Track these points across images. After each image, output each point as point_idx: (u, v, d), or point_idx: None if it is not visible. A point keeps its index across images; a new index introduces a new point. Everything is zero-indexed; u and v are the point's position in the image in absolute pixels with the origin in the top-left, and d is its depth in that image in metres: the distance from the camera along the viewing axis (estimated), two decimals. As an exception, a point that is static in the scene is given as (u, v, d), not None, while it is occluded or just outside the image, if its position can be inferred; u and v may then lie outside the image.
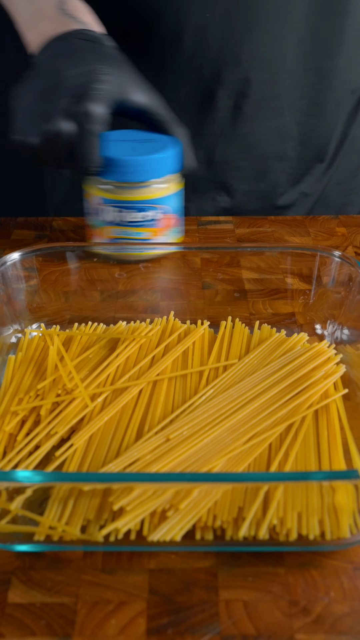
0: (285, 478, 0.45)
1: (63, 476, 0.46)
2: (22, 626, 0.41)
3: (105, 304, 0.66)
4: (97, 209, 0.72)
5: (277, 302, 0.67)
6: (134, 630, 0.40)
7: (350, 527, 0.44)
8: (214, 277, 0.70)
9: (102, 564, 0.44)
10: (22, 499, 0.45)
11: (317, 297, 0.66)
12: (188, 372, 0.57)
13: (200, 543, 0.44)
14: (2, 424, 0.52)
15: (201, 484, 0.44)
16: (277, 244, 0.69)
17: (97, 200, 0.71)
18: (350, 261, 0.61)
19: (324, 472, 0.46)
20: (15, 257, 0.62)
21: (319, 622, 0.41)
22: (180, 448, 0.49)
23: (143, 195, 0.70)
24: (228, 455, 0.49)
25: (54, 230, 0.81)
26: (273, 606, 0.41)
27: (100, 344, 0.60)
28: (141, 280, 0.69)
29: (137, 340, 0.60)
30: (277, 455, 0.50)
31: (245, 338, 0.61)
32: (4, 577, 0.43)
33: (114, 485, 0.45)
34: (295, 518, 0.44)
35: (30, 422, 0.53)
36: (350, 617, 0.41)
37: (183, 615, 0.41)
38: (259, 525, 0.44)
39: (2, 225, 0.82)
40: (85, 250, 0.66)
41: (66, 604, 0.42)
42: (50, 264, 0.65)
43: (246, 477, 0.46)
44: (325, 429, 0.52)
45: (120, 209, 0.71)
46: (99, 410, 0.54)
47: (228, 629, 0.40)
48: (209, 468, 0.48)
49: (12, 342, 0.61)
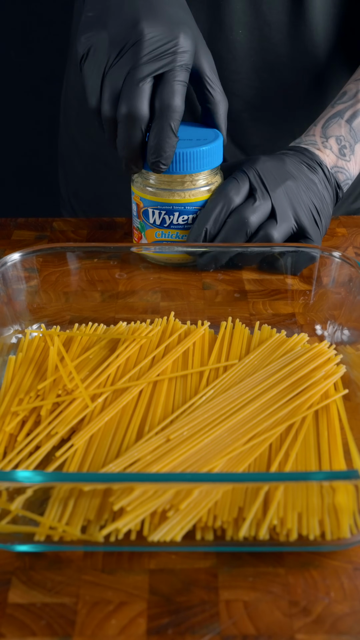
0: (285, 478, 0.45)
1: (63, 476, 0.46)
2: (22, 626, 0.41)
3: (105, 304, 0.66)
4: (140, 211, 0.72)
5: (277, 303, 0.67)
6: (134, 631, 0.40)
7: (350, 528, 0.44)
8: (214, 277, 0.70)
9: (102, 564, 0.44)
10: (23, 499, 0.45)
11: (317, 297, 0.66)
12: (188, 373, 0.57)
13: (201, 543, 0.44)
14: (2, 424, 0.52)
15: (201, 484, 0.44)
16: (277, 244, 0.69)
17: (141, 202, 0.71)
18: (351, 262, 0.61)
19: (324, 473, 0.46)
20: (15, 258, 0.62)
21: (319, 622, 0.41)
22: (180, 448, 0.49)
23: (185, 199, 0.70)
24: (228, 456, 0.49)
25: (54, 230, 0.81)
26: (273, 606, 0.42)
27: (101, 345, 0.60)
28: (141, 281, 0.69)
29: (138, 340, 0.60)
30: (277, 456, 0.50)
31: (245, 338, 0.61)
32: (4, 577, 0.43)
33: (115, 486, 0.45)
34: (296, 518, 0.44)
35: (30, 422, 0.53)
36: (351, 617, 0.41)
37: (183, 615, 0.41)
38: (259, 525, 0.44)
39: (2, 225, 0.82)
40: (86, 251, 0.66)
41: (66, 604, 0.42)
42: (51, 265, 0.65)
43: (246, 477, 0.46)
44: (326, 429, 0.52)
45: (163, 212, 0.71)
46: (99, 411, 0.54)
47: (228, 629, 0.40)
48: (209, 468, 0.48)
49: (12, 343, 0.61)
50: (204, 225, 0.69)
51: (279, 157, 0.73)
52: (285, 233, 0.70)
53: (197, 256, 0.70)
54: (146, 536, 0.44)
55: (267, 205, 0.69)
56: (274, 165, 0.71)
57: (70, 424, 0.52)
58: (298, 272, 0.69)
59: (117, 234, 0.80)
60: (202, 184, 0.70)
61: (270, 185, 0.70)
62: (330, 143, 0.75)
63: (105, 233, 0.81)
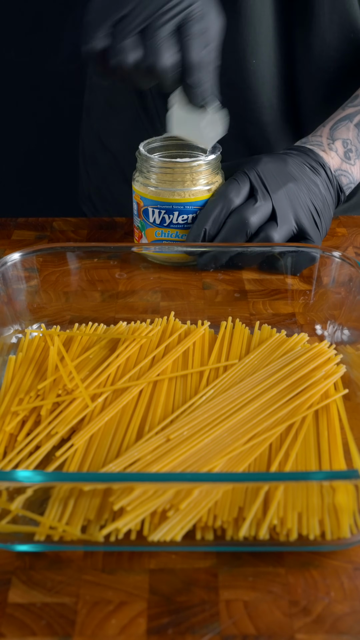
0: (285, 478, 0.45)
1: (63, 476, 0.46)
2: (22, 626, 0.41)
3: (105, 304, 0.66)
4: (141, 210, 0.72)
5: (277, 303, 0.67)
6: (134, 630, 0.40)
7: (350, 527, 0.44)
8: (214, 277, 0.70)
9: (102, 564, 0.44)
10: (23, 499, 0.45)
11: (317, 297, 0.66)
12: (188, 373, 0.57)
13: (201, 543, 0.44)
14: (2, 424, 0.52)
15: (201, 484, 0.44)
16: (278, 244, 0.69)
17: (141, 201, 0.71)
18: (351, 261, 0.61)
19: (324, 472, 0.46)
20: (15, 258, 0.62)
21: (319, 622, 0.41)
22: (180, 448, 0.49)
23: (185, 198, 0.70)
24: (228, 456, 0.49)
25: (54, 230, 0.81)
26: (273, 606, 0.42)
27: (101, 345, 0.60)
28: (141, 281, 0.69)
29: (138, 340, 0.60)
30: (277, 456, 0.50)
31: (245, 338, 0.61)
32: (4, 577, 0.43)
33: (115, 485, 0.45)
34: (296, 518, 0.44)
35: (30, 422, 0.53)
36: (351, 617, 0.41)
37: (183, 615, 0.41)
38: (260, 525, 0.44)
39: (3, 225, 0.82)
40: (86, 251, 0.66)
41: (66, 604, 0.42)
42: (51, 265, 0.65)
43: (246, 477, 0.46)
44: (326, 429, 0.52)
45: (163, 211, 0.71)
46: (99, 411, 0.54)
47: (228, 628, 0.40)
48: (209, 468, 0.48)
49: (12, 343, 0.61)
50: (203, 226, 0.69)
51: (281, 158, 0.73)
52: (286, 235, 0.70)
53: (197, 256, 0.70)
54: (146, 536, 0.44)
55: (268, 207, 0.69)
56: (276, 166, 0.71)
57: (70, 423, 0.52)
58: (298, 272, 0.69)
59: (117, 234, 0.81)
60: (202, 183, 0.70)
61: (271, 186, 0.70)
62: (336, 145, 0.75)
63: (105, 233, 0.81)
